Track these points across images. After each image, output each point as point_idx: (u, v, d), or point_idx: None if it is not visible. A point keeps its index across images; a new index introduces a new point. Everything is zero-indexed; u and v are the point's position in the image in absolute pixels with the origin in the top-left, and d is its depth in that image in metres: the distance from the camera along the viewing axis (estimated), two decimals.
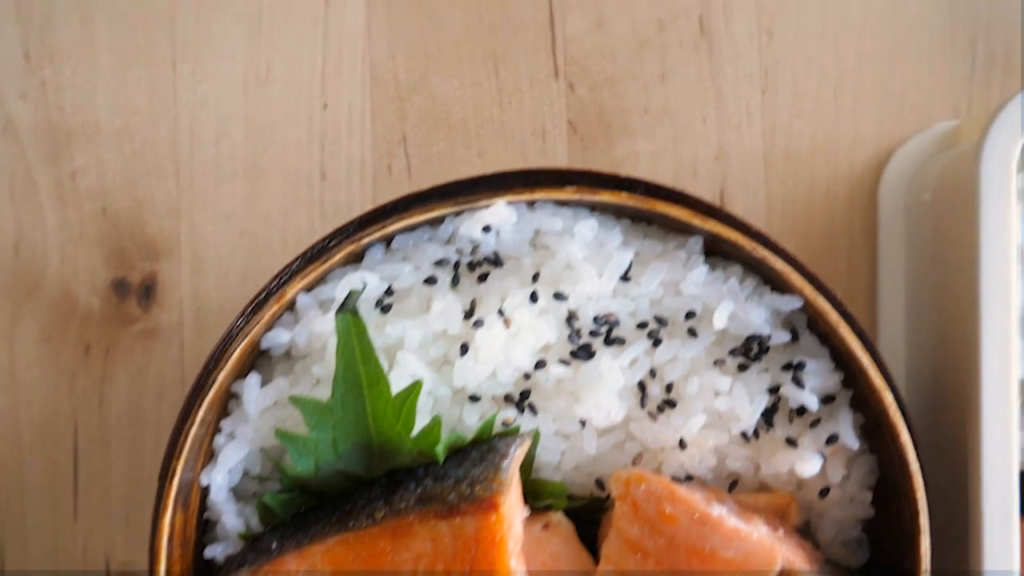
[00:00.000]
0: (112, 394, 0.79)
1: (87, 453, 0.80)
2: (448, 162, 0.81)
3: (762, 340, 0.65)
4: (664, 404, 0.66)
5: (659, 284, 0.65)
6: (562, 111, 0.81)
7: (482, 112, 0.81)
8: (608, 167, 0.81)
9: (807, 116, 0.82)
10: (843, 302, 0.65)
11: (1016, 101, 0.64)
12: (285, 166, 0.80)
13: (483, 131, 0.81)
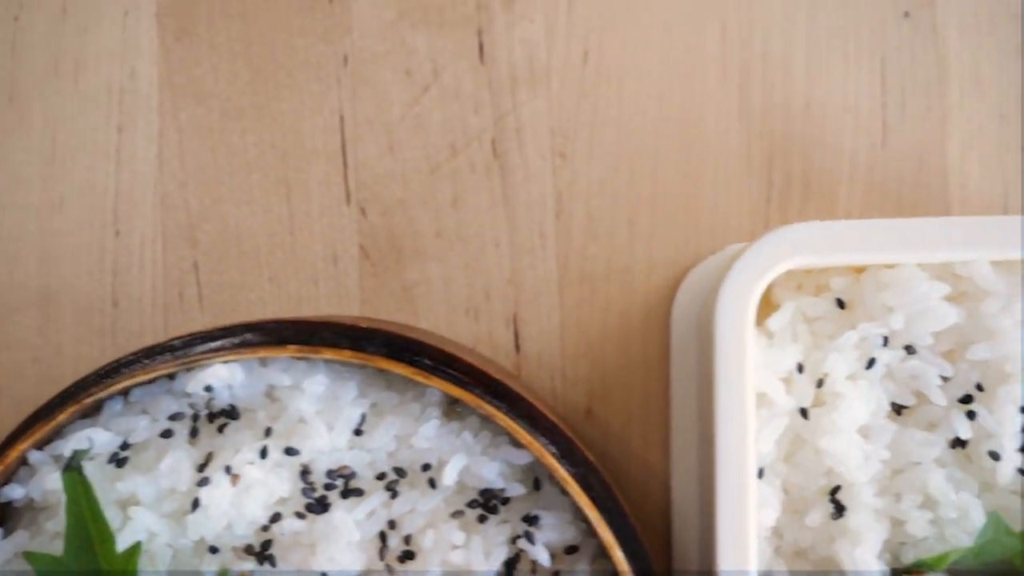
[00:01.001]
0: None
1: None
2: (239, 289, 0.81)
3: (495, 493, 0.64)
4: (404, 556, 0.65)
5: (393, 437, 0.65)
6: (353, 236, 0.81)
7: (273, 238, 0.81)
8: (400, 291, 0.81)
9: (602, 239, 0.81)
10: (580, 455, 0.64)
11: (758, 245, 0.63)
12: (77, 294, 0.81)
13: (274, 257, 0.81)
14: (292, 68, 0.81)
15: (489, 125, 0.81)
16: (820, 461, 0.66)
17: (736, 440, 0.62)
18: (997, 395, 0.66)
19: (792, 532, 0.67)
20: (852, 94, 0.82)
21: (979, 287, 0.66)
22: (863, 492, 0.65)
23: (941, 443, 0.66)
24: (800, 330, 0.67)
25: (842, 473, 0.65)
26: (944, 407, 0.66)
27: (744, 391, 0.62)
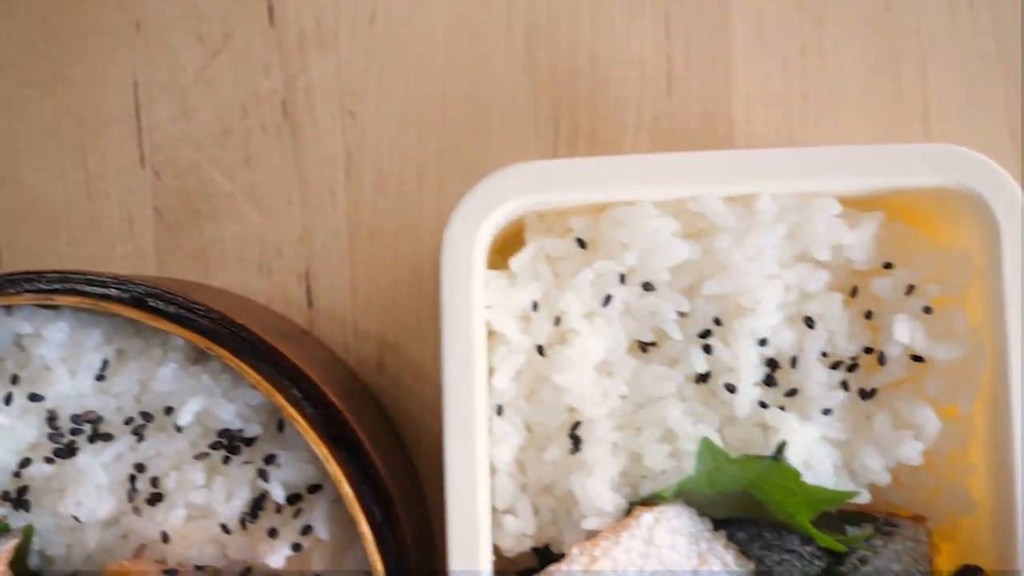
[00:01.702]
0: None
1: None
2: (38, 253, 0.83)
3: (234, 434, 0.66)
4: (152, 498, 0.67)
5: (136, 381, 0.66)
6: (148, 198, 0.83)
7: (70, 203, 0.83)
8: (195, 251, 0.82)
9: (391, 196, 0.83)
10: (322, 397, 0.65)
11: (481, 185, 0.65)
12: None
13: (72, 221, 0.83)
14: (87, 35, 0.83)
15: (279, 87, 0.83)
16: (560, 398, 0.67)
17: (462, 377, 0.63)
18: (733, 329, 0.67)
19: (535, 468, 0.68)
20: (637, 46, 0.83)
21: (712, 223, 0.67)
22: (600, 427, 0.66)
23: (680, 378, 0.67)
24: (544, 270, 0.68)
25: (581, 409, 0.67)
26: (682, 342, 0.67)
27: (470, 328, 0.63)
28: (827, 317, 0.67)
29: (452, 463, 0.63)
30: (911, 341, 0.66)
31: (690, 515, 0.67)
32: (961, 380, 0.67)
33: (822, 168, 0.65)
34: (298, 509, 0.66)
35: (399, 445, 0.81)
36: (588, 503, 0.65)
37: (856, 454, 0.67)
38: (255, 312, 0.77)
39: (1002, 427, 0.65)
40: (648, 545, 0.66)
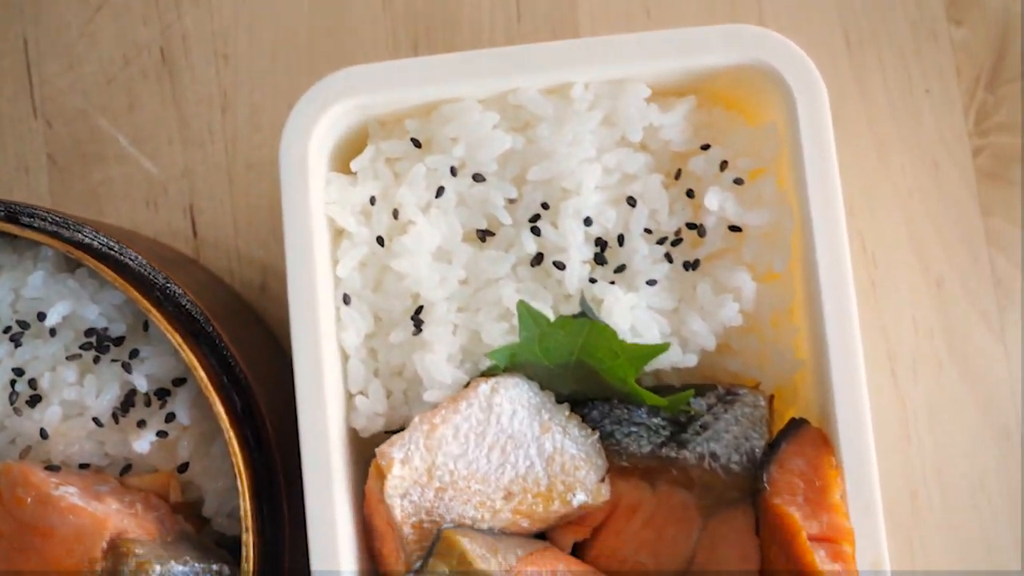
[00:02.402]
0: None
1: None
2: None
3: (100, 333, 0.71)
4: (31, 400, 0.72)
5: (10, 290, 0.72)
6: (42, 147, 0.89)
7: None
8: (86, 193, 0.88)
9: (265, 129, 0.88)
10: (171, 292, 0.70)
11: (311, 90, 0.70)
12: None
13: None
14: None
15: (157, 35, 0.89)
16: (402, 285, 0.72)
17: (303, 266, 0.68)
18: (560, 211, 0.72)
19: (384, 353, 0.73)
20: None
21: (532, 113, 0.72)
22: (440, 308, 0.71)
23: (513, 260, 0.72)
24: (383, 171, 0.73)
25: (422, 294, 0.72)
26: (513, 226, 0.72)
27: (308, 221, 0.68)
28: (648, 196, 0.72)
29: (298, 349, 0.68)
30: (723, 211, 0.71)
31: (530, 387, 0.72)
32: (774, 244, 0.71)
33: (630, 53, 0.70)
34: (164, 402, 0.71)
35: (283, 360, 0.86)
36: (429, 377, 0.70)
37: (684, 322, 0.72)
38: (140, 241, 0.83)
39: (812, 287, 0.69)
40: (487, 413, 0.70)
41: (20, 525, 0.69)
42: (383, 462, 0.68)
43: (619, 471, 0.73)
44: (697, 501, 0.73)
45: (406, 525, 0.69)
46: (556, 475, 0.71)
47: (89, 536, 0.67)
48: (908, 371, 0.86)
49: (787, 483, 0.69)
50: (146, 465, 0.74)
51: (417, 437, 0.69)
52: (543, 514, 0.71)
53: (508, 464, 0.71)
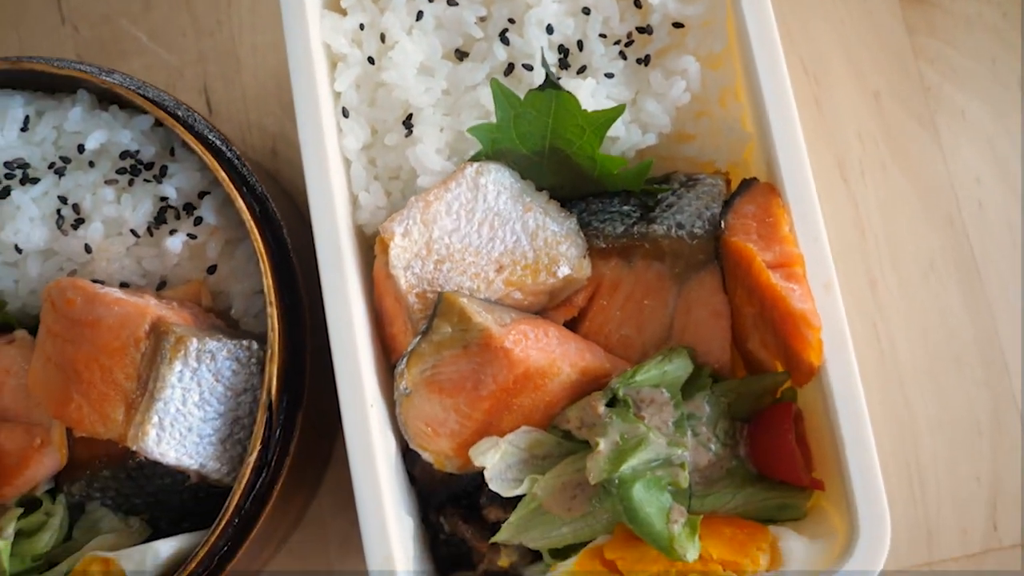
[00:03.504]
0: None
1: None
2: None
3: (133, 154, 0.81)
4: (76, 222, 0.82)
5: (52, 128, 0.82)
6: (72, 49, 1.00)
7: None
8: None
9: (265, 15, 1.00)
10: (196, 118, 0.81)
11: None
12: None
13: None
14: None
15: None
16: (393, 96, 0.82)
17: (306, 82, 0.78)
18: (524, 22, 0.82)
19: (381, 156, 0.83)
20: None
21: None
22: (427, 112, 0.81)
23: (487, 68, 0.82)
24: (369, 5, 0.84)
25: (410, 101, 0.82)
26: (485, 39, 0.83)
27: (308, 46, 0.78)
28: (600, 5, 0.83)
29: (307, 155, 0.77)
30: (666, 8, 0.81)
31: (511, 173, 0.81)
32: (711, 32, 0.82)
33: None
34: (192, 213, 0.81)
35: (294, 207, 0.95)
36: (421, 166, 0.80)
37: (641, 108, 0.82)
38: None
39: (750, 65, 0.79)
40: (474, 192, 0.80)
41: (71, 321, 0.78)
42: (386, 235, 0.77)
43: (599, 253, 0.82)
44: (670, 271, 0.82)
45: (411, 294, 0.78)
46: (540, 249, 0.80)
47: (133, 321, 0.76)
48: (857, 175, 0.96)
49: (742, 225, 0.78)
50: (179, 279, 0.83)
51: (414, 213, 0.78)
52: (532, 286, 0.80)
53: (497, 239, 0.80)
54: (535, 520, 0.79)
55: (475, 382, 0.77)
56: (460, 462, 0.80)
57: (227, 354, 0.77)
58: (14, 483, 0.79)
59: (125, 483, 0.81)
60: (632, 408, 0.78)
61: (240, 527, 0.77)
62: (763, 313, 0.77)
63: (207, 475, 0.77)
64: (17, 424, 0.80)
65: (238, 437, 0.78)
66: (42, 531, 0.80)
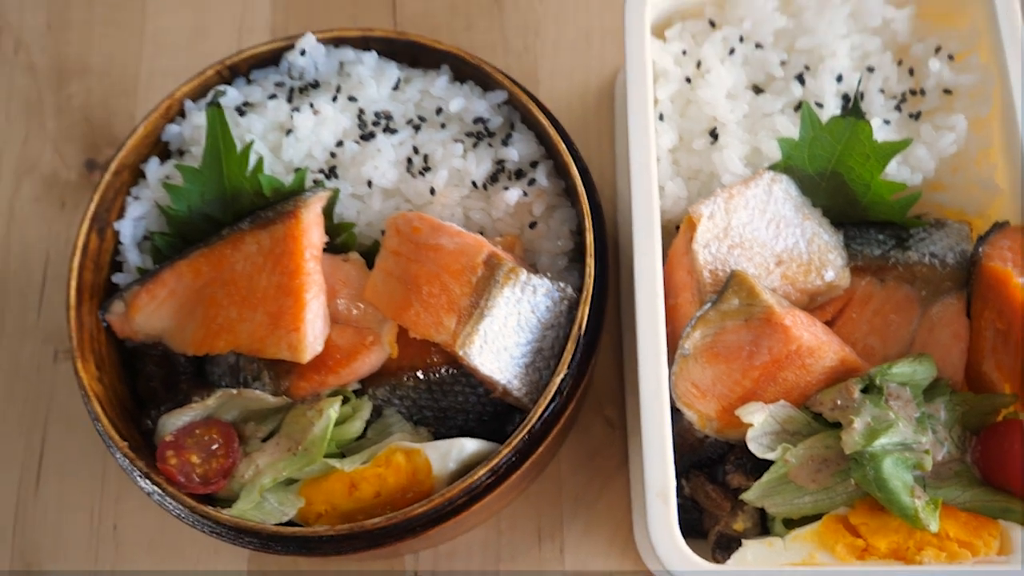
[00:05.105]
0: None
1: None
2: None
3: (484, 120, 0.97)
4: (423, 169, 0.97)
5: (418, 91, 0.99)
6: None
7: None
8: None
9: (564, 48, 1.18)
10: (539, 101, 0.97)
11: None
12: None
13: None
14: None
15: None
16: (702, 113, 0.98)
17: (639, 92, 0.94)
18: (818, 71, 0.99)
19: (685, 158, 0.98)
20: None
21: (799, 3, 1.00)
22: (731, 128, 0.97)
23: (783, 102, 0.98)
24: (688, 38, 1.02)
25: (717, 117, 0.97)
26: (783, 80, 0.99)
27: (644, 63, 0.94)
28: (882, 66, 0.99)
29: (634, 146, 0.92)
30: (940, 75, 0.97)
31: (797, 188, 0.96)
32: (979, 97, 0.97)
33: None
34: (522, 172, 0.96)
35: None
36: (724, 167, 0.95)
37: (911, 152, 0.97)
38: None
39: (1010, 132, 0.94)
40: (768, 195, 0.94)
41: (416, 245, 0.92)
42: (695, 215, 0.91)
43: (855, 270, 0.95)
44: (918, 294, 0.95)
45: (705, 270, 0.92)
46: (814, 252, 0.94)
47: (472, 249, 0.90)
48: None
49: (998, 253, 0.91)
50: (495, 233, 0.98)
51: (720, 201, 0.92)
52: (802, 284, 0.93)
53: (780, 237, 0.94)
54: (781, 487, 0.89)
55: (751, 352, 0.89)
56: (719, 425, 0.91)
57: (545, 292, 0.90)
58: (340, 372, 0.91)
59: (423, 394, 0.93)
60: (884, 397, 0.89)
61: (528, 443, 0.88)
62: (1011, 330, 0.89)
63: (510, 391, 0.89)
64: (348, 325, 0.94)
65: (538, 365, 0.90)
66: (350, 421, 0.92)
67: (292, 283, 0.90)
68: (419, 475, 0.88)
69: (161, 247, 0.98)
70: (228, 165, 0.95)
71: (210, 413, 0.92)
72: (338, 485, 0.89)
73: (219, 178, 0.96)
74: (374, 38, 1.00)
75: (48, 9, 1.24)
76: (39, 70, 1.21)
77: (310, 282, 0.90)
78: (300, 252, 0.91)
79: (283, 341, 0.89)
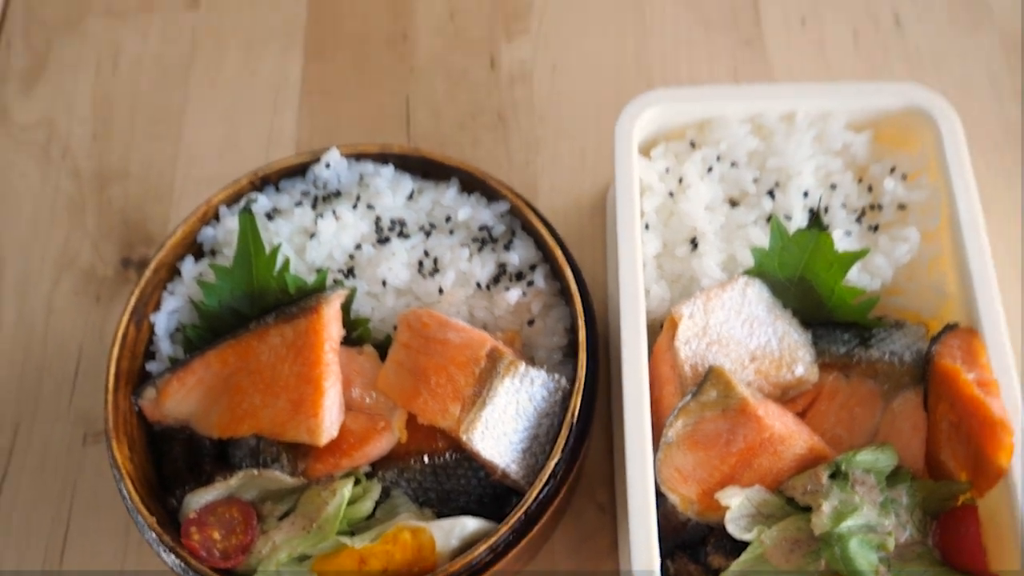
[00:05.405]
0: (111, 325, 1.23)
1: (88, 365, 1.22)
2: None
3: (489, 228, 1.09)
4: (433, 271, 1.08)
5: (430, 201, 1.11)
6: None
7: None
8: None
9: (561, 166, 1.30)
10: (538, 211, 1.09)
11: (633, 101, 1.12)
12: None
13: None
14: None
15: (496, 103, 1.34)
16: (684, 224, 1.09)
17: (626, 208, 1.05)
18: (787, 187, 1.10)
19: (668, 264, 1.09)
20: None
21: (771, 128, 1.13)
22: (709, 237, 1.08)
23: (756, 215, 1.10)
24: (671, 157, 1.14)
25: (697, 227, 1.09)
26: (756, 195, 1.11)
27: (631, 182, 1.06)
28: (843, 185, 1.11)
29: (623, 253, 1.03)
30: (895, 193, 1.09)
31: (768, 292, 1.06)
32: (929, 212, 1.09)
33: (835, 95, 1.12)
34: (523, 278, 1.07)
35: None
36: (703, 272, 1.06)
37: (870, 260, 1.08)
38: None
39: (957, 243, 1.05)
40: (742, 297, 1.05)
41: (425, 339, 1.02)
42: (677, 315, 1.02)
43: (823, 366, 1.05)
44: (880, 388, 1.05)
45: (686, 365, 1.02)
46: (785, 350, 1.04)
47: (475, 344, 1.00)
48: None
49: (948, 352, 1.01)
50: (496, 328, 1.08)
51: (699, 302, 1.03)
52: (775, 378, 1.03)
53: (754, 336, 1.04)
54: (757, 566, 0.97)
55: (728, 440, 0.98)
56: (700, 507, 0.99)
57: (541, 383, 1.00)
58: (353, 455, 1.00)
59: (428, 477, 1.01)
60: (850, 482, 0.98)
61: (525, 523, 0.96)
62: (962, 422, 0.98)
63: (509, 474, 0.98)
64: (361, 412, 1.03)
65: (534, 451, 0.99)
66: (361, 501, 1.00)
67: (312, 372, 0.99)
68: (424, 552, 0.96)
69: (192, 338, 1.07)
70: (257, 265, 1.06)
71: (231, 492, 1.00)
72: (349, 561, 0.96)
73: (248, 276, 1.06)
74: (391, 153, 1.12)
75: (94, 121, 1.36)
76: (83, 174, 1.33)
77: (329, 372, 1.00)
78: (321, 344, 1.01)
79: (302, 426, 0.98)
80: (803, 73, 1.35)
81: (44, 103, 1.38)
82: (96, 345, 1.22)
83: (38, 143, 1.36)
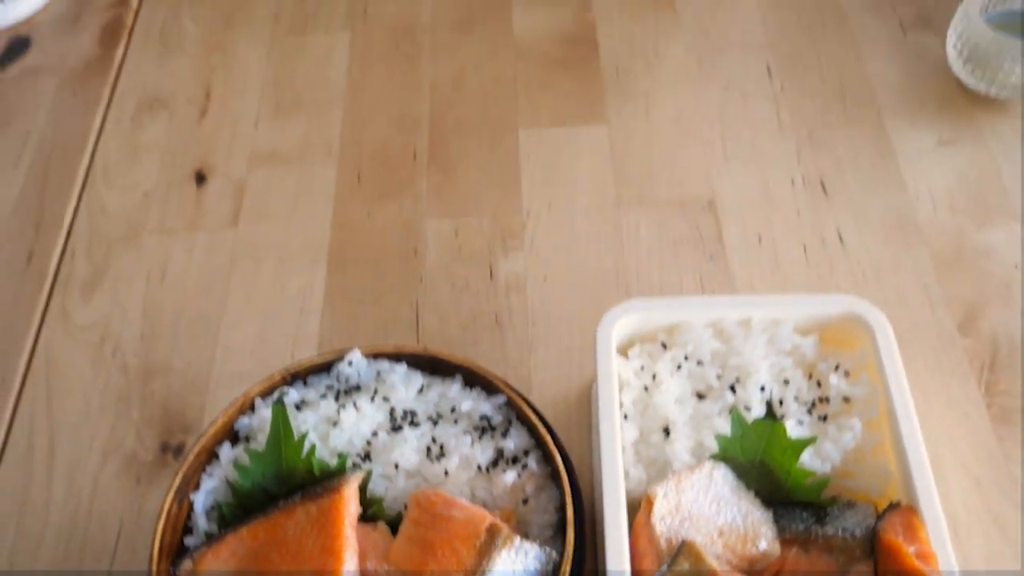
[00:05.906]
0: (149, 503, 1.37)
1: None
2: None
3: (488, 418, 1.25)
4: (439, 456, 1.24)
5: (437, 394, 1.28)
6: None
7: None
8: None
9: (553, 364, 1.48)
10: (531, 403, 1.26)
11: (611, 311, 1.32)
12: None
13: None
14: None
15: (492, 308, 1.54)
16: (657, 414, 1.26)
17: (608, 403, 1.24)
18: (746, 383, 1.28)
19: (644, 450, 1.24)
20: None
21: (730, 332, 1.32)
22: (680, 427, 1.25)
23: (720, 407, 1.27)
24: (645, 357, 1.32)
25: (669, 418, 1.25)
26: (719, 389, 1.28)
27: (611, 380, 1.25)
28: (795, 380, 1.29)
29: (605, 440, 1.20)
30: (839, 388, 1.27)
31: (733, 474, 1.21)
32: (869, 405, 1.25)
33: (784, 306, 1.32)
34: (518, 461, 1.23)
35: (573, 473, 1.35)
36: (675, 457, 1.21)
37: (820, 446, 1.24)
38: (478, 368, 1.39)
39: (896, 432, 1.22)
40: (710, 479, 1.20)
41: (432, 516, 1.16)
42: (652, 495, 1.16)
43: (784, 541, 1.19)
44: (836, 561, 1.18)
45: (662, 539, 1.15)
46: (749, 526, 1.18)
47: (476, 520, 1.14)
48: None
49: (892, 528, 1.15)
50: (495, 506, 1.22)
51: (672, 484, 1.18)
52: (741, 551, 1.17)
53: (721, 513, 1.18)
54: None
55: None
56: None
57: (535, 555, 1.13)
58: None
59: None
60: None
61: None
62: None
63: None
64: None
65: None
66: None
67: (334, 545, 1.13)
68: None
69: (226, 515, 1.21)
70: (287, 450, 1.22)
71: None
72: None
73: (279, 460, 1.22)
74: (405, 353, 1.30)
75: (143, 324, 1.56)
76: (130, 370, 1.51)
77: (347, 545, 1.13)
78: (341, 520, 1.15)
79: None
80: (761, 283, 1.55)
81: (101, 307, 1.57)
82: (134, 521, 1.36)
83: (92, 342, 1.54)
